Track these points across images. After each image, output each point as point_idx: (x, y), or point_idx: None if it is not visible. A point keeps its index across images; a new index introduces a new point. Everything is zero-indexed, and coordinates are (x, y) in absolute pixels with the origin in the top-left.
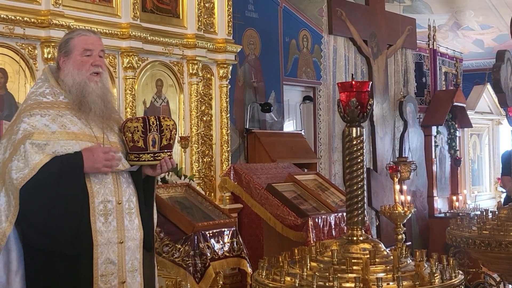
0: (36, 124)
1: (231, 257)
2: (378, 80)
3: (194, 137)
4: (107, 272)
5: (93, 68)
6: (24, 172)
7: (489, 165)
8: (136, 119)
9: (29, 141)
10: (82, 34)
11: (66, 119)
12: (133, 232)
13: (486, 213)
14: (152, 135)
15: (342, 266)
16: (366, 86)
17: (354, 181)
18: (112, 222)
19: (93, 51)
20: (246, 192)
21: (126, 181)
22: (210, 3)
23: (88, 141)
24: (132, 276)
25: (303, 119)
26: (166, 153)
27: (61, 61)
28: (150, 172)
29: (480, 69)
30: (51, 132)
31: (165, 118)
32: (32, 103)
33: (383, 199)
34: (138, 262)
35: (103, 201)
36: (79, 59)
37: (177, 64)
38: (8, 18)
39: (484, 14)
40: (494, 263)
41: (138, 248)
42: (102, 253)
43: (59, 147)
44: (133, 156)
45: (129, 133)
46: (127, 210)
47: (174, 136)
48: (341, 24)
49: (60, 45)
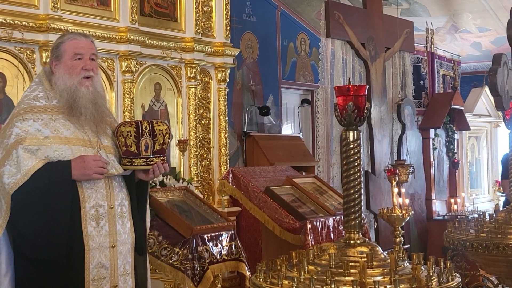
0: (28, 129)
1: (229, 260)
2: (376, 83)
3: (192, 141)
4: (99, 276)
5: (84, 72)
6: (16, 178)
7: (487, 167)
8: (129, 124)
9: (22, 146)
10: (73, 38)
11: (59, 123)
12: (125, 236)
13: (484, 215)
14: (144, 140)
15: (339, 270)
16: (363, 90)
17: (351, 184)
18: (104, 226)
19: (83, 55)
20: (245, 195)
21: (118, 185)
22: (208, 6)
23: (81, 145)
24: (124, 280)
25: (301, 122)
26: (159, 157)
27: (53, 65)
28: (143, 176)
29: (478, 72)
30: (43, 137)
31: (158, 123)
32: (25, 107)
33: (381, 202)
34: (130, 266)
35: (95, 206)
36: (70, 63)
37: (175, 68)
38: (7, 22)
39: (482, 17)
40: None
41: (130, 252)
42: (93, 258)
43: (51, 152)
44: (126, 160)
45: (122, 137)
46: (119, 214)
47: (167, 141)
48: (339, 27)
49: (52, 50)
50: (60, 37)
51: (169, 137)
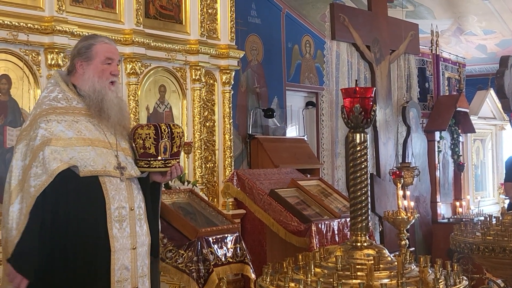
0: (53, 130)
1: (234, 262)
2: (381, 86)
3: (197, 143)
4: (122, 278)
5: (112, 77)
6: (42, 179)
7: (492, 170)
8: (148, 126)
9: (48, 148)
10: (105, 42)
11: (82, 125)
12: (143, 238)
13: (490, 218)
14: (163, 142)
15: (346, 272)
16: (370, 92)
17: (358, 187)
18: (126, 228)
19: (114, 60)
20: (249, 198)
21: (136, 187)
22: (213, 9)
23: (103, 147)
24: (142, 282)
25: (306, 124)
26: (176, 159)
27: (78, 64)
28: (159, 178)
29: (483, 74)
30: (67, 138)
31: (175, 126)
32: (47, 108)
33: (386, 204)
34: (147, 267)
35: (118, 208)
36: (100, 67)
37: (180, 70)
38: (12, 24)
39: (487, 20)
40: (498, 268)
41: (147, 253)
42: (118, 259)
43: (76, 153)
44: (143, 162)
45: (140, 139)
46: (138, 216)
47: (182, 143)
48: (344, 29)
49: (80, 49)
50: (90, 38)
51: (184, 140)
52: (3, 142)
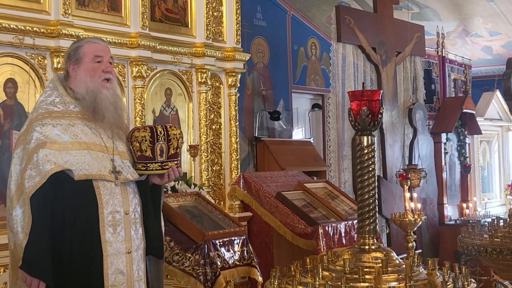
0: (48, 133)
1: (241, 265)
2: (387, 88)
3: (203, 146)
4: (117, 282)
5: (104, 74)
6: (35, 181)
7: (499, 171)
8: (144, 129)
9: (42, 150)
10: (92, 41)
11: (78, 128)
12: (138, 242)
13: (498, 220)
14: (159, 145)
15: (354, 275)
16: (377, 95)
17: (366, 189)
18: (120, 232)
19: (103, 57)
20: (256, 201)
21: (132, 191)
22: (219, 11)
23: (99, 150)
24: (138, 286)
25: (312, 127)
26: (173, 162)
27: (71, 68)
28: (157, 181)
29: (489, 76)
30: (63, 142)
31: (172, 127)
32: (43, 112)
33: (393, 206)
34: (143, 271)
35: (112, 212)
36: (91, 66)
37: (186, 73)
38: (18, 28)
39: (493, 21)
40: (506, 270)
41: (142, 257)
42: (112, 264)
43: (71, 157)
44: (140, 165)
45: (136, 142)
46: (133, 220)
47: (180, 145)
48: (350, 31)
49: (69, 53)
50: (78, 41)
51: (182, 142)
52: (9, 146)
